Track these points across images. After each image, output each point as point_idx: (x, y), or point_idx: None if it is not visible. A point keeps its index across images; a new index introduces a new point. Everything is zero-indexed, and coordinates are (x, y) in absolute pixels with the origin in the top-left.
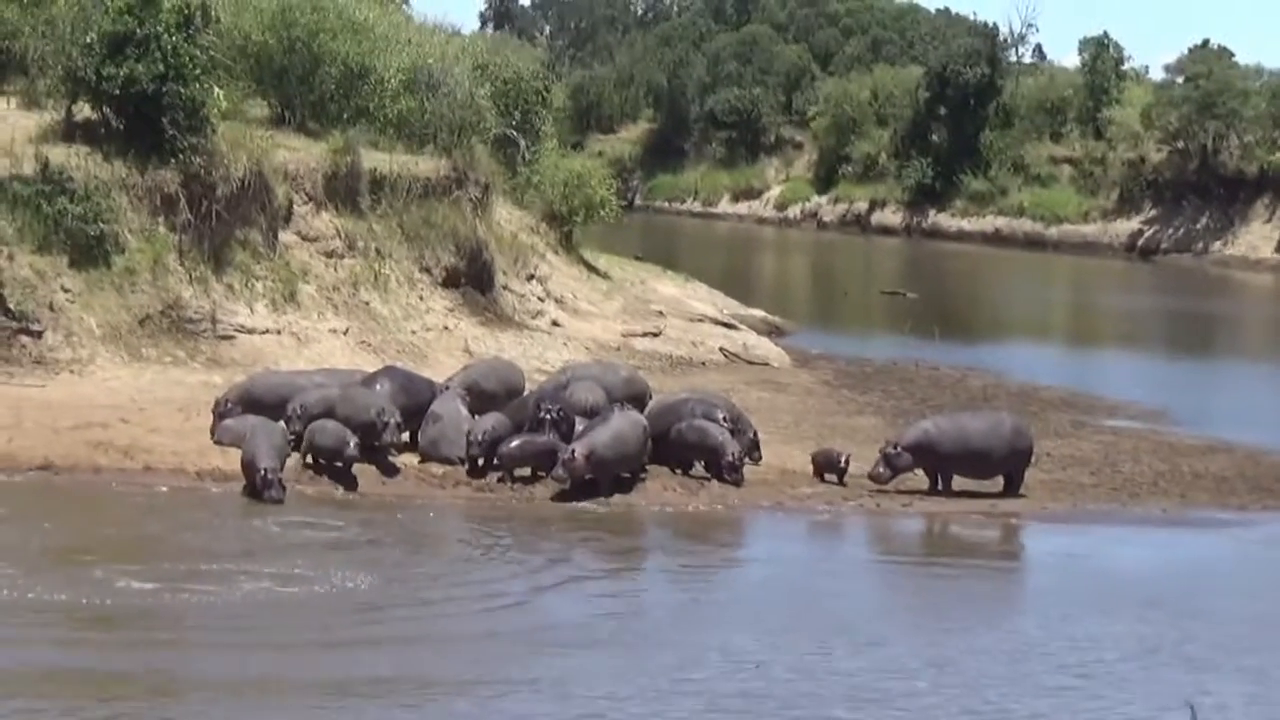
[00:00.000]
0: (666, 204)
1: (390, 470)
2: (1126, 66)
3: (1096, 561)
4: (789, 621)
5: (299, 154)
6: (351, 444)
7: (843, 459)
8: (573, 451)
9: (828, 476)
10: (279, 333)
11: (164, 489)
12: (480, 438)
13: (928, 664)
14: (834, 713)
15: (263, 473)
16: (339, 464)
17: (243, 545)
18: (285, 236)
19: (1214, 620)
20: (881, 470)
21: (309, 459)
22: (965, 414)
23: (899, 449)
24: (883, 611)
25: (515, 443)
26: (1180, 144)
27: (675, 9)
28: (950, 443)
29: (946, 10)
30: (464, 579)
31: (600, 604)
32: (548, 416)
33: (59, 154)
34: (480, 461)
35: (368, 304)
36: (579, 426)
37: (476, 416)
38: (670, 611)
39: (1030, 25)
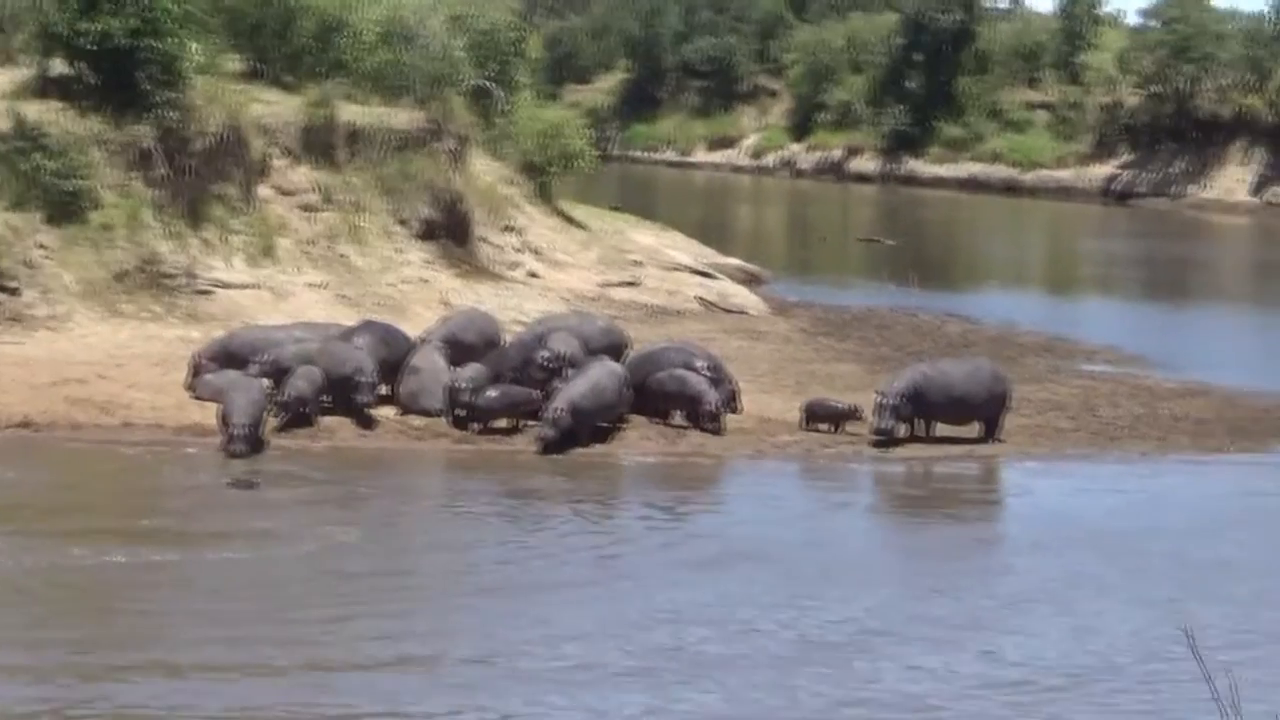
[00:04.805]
0: (642, 154)
1: (368, 423)
2: (1102, 11)
3: (1078, 506)
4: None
5: (275, 108)
6: (312, 393)
7: (850, 408)
8: (556, 409)
9: (813, 425)
10: (256, 287)
11: (142, 445)
12: (464, 387)
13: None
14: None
15: (231, 429)
16: (304, 410)
17: (213, 503)
18: (262, 190)
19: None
20: (890, 423)
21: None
22: (946, 360)
23: (902, 399)
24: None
25: (493, 394)
26: (1156, 88)
27: None
28: (935, 389)
29: None
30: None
31: (581, 556)
32: (548, 365)
33: (34, 110)
34: (464, 414)
35: (345, 257)
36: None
37: (455, 369)
38: (644, 563)
39: None
